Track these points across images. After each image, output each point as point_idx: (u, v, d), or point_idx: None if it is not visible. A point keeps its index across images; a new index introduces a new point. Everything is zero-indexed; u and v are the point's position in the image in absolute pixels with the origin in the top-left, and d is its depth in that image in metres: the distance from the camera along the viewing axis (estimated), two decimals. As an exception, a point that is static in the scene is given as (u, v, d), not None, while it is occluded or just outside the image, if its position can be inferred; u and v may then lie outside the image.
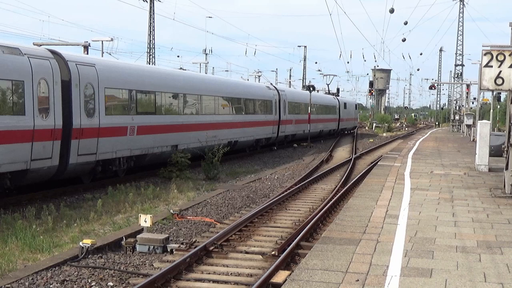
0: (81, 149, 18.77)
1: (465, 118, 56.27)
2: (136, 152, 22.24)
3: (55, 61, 17.96)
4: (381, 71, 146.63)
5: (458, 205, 14.24)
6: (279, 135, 41.78)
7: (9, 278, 10.05)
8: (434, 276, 8.29)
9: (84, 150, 18.91)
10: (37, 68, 16.99)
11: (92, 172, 20.43)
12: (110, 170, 21.24)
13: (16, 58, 16.44)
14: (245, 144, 35.49)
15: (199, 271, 10.99)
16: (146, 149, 22.90)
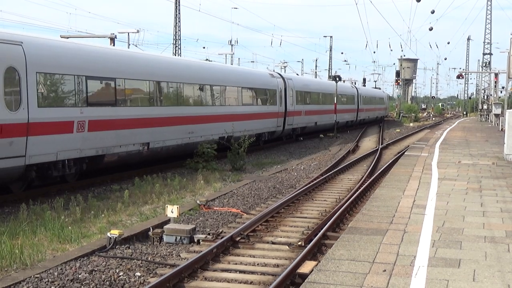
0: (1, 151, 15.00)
1: (493, 107, 55.74)
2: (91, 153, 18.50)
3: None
4: (408, 61, 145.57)
5: (487, 195, 14.10)
6: (286, 128, 37.63)
7: (38, 268, 10.16)
8: (462, 266, 8.22)
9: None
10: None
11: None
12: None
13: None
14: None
15: (226, 261, 11.02)
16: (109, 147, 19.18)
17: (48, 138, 16.41)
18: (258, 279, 9.96)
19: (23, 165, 15.61)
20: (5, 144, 14.88)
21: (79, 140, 17.70)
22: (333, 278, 7.67)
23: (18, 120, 15.34)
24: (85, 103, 18.11)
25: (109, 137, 19.12)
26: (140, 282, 9.82)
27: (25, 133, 15.53)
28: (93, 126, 18.25)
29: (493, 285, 7.46)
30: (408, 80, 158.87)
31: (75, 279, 9.72)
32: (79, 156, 17.81)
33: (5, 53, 15.08)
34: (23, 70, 15.58)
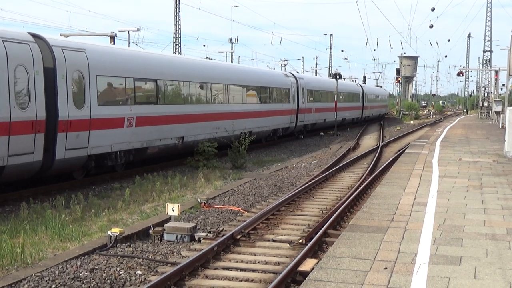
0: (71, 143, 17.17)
1: (494, 104, 55.73)
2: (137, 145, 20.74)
3: (37, 45, 16.21)
4: (408, 58, 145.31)
5: (487, 193, 14.09)
6: (298, 125, 40.15)
7: (39, 266, 10.17)
8: (464, 263, 8.22)
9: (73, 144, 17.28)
10: (12, 52, 15.20)
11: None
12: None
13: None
14: (260, 135, 33.53)
15: (227, 259, 11.02)
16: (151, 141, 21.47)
17: (104, 132, 18.83)
18: (259, 277, 9.96)
19: (86, 155, 18.05)
20: (73, 137, 17.28)
21: (128, 134, 20.09)
22: (334, 276, 7.67)
23: (83, 116, 17.77)
24: (133, 101, 20.55)
25: (152, 132, 21.50)
26: (141, 281, 9.82)
27: (88, 127, 17.98)
28: (139, 122, 20.63)
29: (494, 282, 7.45)
30: (409, 78, 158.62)
31: (76, 277, 9.73)
32: (128, 148, 20.24)
33: (73, 59, 17.44)
34: (87, 73, 18.07)
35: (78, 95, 17.68)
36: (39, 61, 16.12)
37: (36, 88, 15.99)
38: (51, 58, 16.73)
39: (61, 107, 16.85)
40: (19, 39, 15.79)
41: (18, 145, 15.22)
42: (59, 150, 16.78)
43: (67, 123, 17.07)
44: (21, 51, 15.59)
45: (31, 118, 15.70)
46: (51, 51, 16.75)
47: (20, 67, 15.51)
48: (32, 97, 15.83)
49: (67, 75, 17.23)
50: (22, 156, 15.41)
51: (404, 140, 39.87)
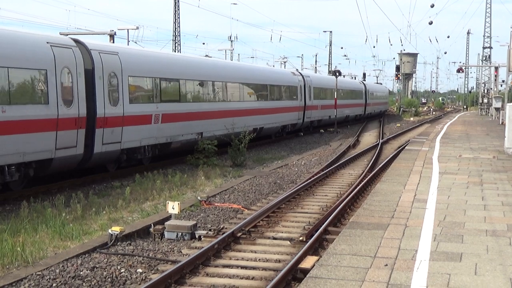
0: (106, 138, 18.83)
1: (494, 101, 55.70)
2: (162, 140, 22.29)
3: (78, 49, 17.89)
4: (408, 55, 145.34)
5: (488, 189, 14.09)
6: (305, 121, 41.85)
7: (40, 265, 10.17)
8: (464, 260, 8.22)
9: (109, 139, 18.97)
10: (58, 60, 16.83)
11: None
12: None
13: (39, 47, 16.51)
14: (271, 131, 35.64)
15: (227, 257, 11.02)
16: (175, 136, 23.11)
17: (135, 128, 20.41)
18: (260, 274, 9.96)
19: (119, 149, 19.67)
20: (109, 132, 18.93)
21: (155, 130, 21.63)
22: (334, 273, 7.67)
23: (116, 114, 19.39)
24: (159, 99, 22.21)
25: (175, 128, 23.16)
26: (141, 279, 9.82)
27: (121, 123, 19.60)
28: (164, 119, 22.27)
29: (495, 279, 7.46)
30: (408, 75, 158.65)
31: (77, 276, 9.73)
32: (154, 143, 21.74)
33: (108, 62, 19.15)
34: (120, 74, 19.73)
35: (113, 94, 19.39)
36: (80, 64, 17.79)
37: (78, 88, 17.63)
38: (90, 61, 18.36)
39: (99, 105, 18.47)
40: (64, 44, 17.44)
41: (64, 140, 16.89)
42: (97, 144, 18.42)
43: (104, 120, 18.70)
44: (66, 55, 17.23)
45: (74, 115, 17.34)
46: (90, 54, 18.40)
47: (65, 69, 17.21)
48: (75, 96, 17.45)
49: (104, 76, 18.88)
50: (67, 150, 17.07)
51: (404, 137, 39.86)
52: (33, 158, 16.04)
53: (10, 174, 15.41)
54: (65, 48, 17.31)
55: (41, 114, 16.21)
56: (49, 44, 16.76)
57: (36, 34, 17.18)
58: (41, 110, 16.25)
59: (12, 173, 15.48)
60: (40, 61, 16.34)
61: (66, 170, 18.25)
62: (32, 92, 16.25)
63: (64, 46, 17.31)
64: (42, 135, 16.17)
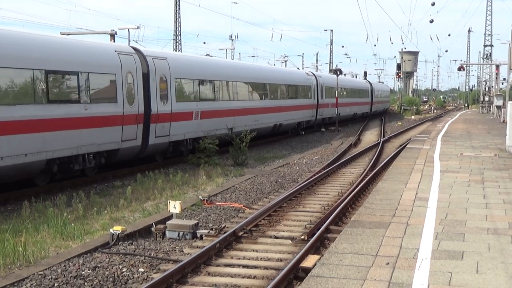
0: (159, 131, 21.79)
1: (495, 99, 55.66)
2: (199, 134, 24.94)
3: (137, 56, 20.89)
4: (409, 54, 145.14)
5: (489, 187, 14.09)
6: (317, 118, 44.71)
7: (41, 265, 10.18)
8: (466, 258, 8.22)
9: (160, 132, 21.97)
10: (124, 66, 19.88)
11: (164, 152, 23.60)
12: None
13: (117, 57, 19.68)
14: (288, 127, 38.47)
15: (229, 256, 11.03)
16: (209, 130, 25.64)
17: (180, 123, 23.34)
18: (261, 273, 9.96)
19: (167, 142, 22.58)
20: (160, 127, 21.86)
21: (195, 125, 24.72)
22: (336, 272, 7.67)
23: (166, 111, 22.33)
24: (198, 98, 25.42)
25: (211, 123, 26.11)
26: (143, 278, 9.82)
27: (169, 119, 22.48)
28: (203, 115, 25.39)
29: (497, 277, 7.46)
30: (409, 73, 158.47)
31: (79, 275, 9.74)
32: (194, 136, 24.61)
33: (160, 66, 22.20)
34: (168, 77, 22.71)
35: (163, 94, 22.24)
36: (139, 68, 20.78)
37: (138, 89, 20.56)
38: (146, 66, 21.32)
39: (153, 103, 21.40)
40: (127, 52, 20.59)
41: (128, 133, 19.88)
42: (151, 137, 21.33)
43: (157, 116, 21.62)
44: (129, 61, 20.28)
45: (135, 112, 20.34)
46: (146, 60, 21.41)
47: (129, 73, 20.17)
48: (135, 96, 20.42)
49: (156, 78, 21.80)
50: (129, 141, 20.05)
51: (405, 135, 39.85)
52: (105, 148, 18.97)
53: (88, 161, 18.33)
54: (128, 55, 20.40)
55: (112, 111, 19.19)
56: (117, 52, 19.82)
57: (106, 43, 20.91)
58: (112, 108, 19.20)
59: (90, 161, 18.44)
60: (111, 67, 19.32)
61: (127, 159, 20.84)
62: (105, 93, 19.22)
63: (127, 53, 20.42)
64: (112, 129, 19.17)
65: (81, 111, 17.73)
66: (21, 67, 15.71)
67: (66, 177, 18.31)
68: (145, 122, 20.89)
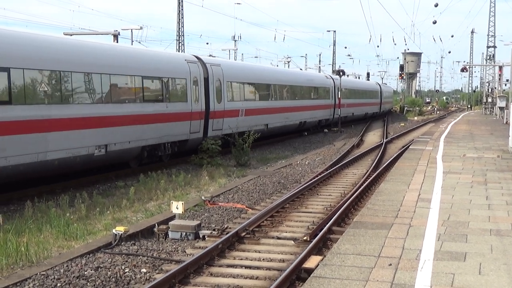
0: (214, 126, 26.00)
1: (498, 100, 55.56)
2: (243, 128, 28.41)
3: (200, 64, 25.34)
4: (412, 55, 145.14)
5: (492, 188, 14.07)
6: (335, 117, 49.03)
7: (44, 265, 10.19)
8: (468, 259, 8.21)
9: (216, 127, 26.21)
10: (192, 71, 24.31)
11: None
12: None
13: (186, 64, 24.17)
14: (311, 124, 43.07)
15: (231, 257, 11.02)
16: (252, 126, 29.49)
17: (230, 119, 27.84)
18: (264, 274, 9.96)
19: (221, 135, 26.64)
20: (216, 122, 26.37)
21: (241, 121, 29.05)
22: (338, 273, 7.67)
23: (220, 109, 26.85)
24: (243, 99, 30.00)
25: (252, 120, 30.50)
26: (146, 279, 9.83)
27: (222, 116, 27.02)
28: (246, 113, 29.74)
29: (499, 278, 7.45)
30: (412, 74, 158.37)
31: (81, 276, 9.74)
32: (240, 131, 27.75)
33: (216, 71, 26.69)
34: (222, 80, 27.22)
35: (218, 95, 26.71)
36: (201, 74, 25.23)
37: (200, 91, 24.97)
38: (206, 71, 25.74)
39: (211, 103, 25.85)
40: (192, 60, 25.13)
41: (194, 127, 24.18)
42: (210, 131, 25.63)
43: (214, 113, 26.05)
44: (194, 68, 24.68)
45: (199, 110, 24.71)
46: (206, 67, 25.87)
47: (195, 78, 24.55)
48: (199, 96, 24.87)
49: (214, 82, 26.26)
50: (195, 134, 24.34)
51: (408, 137, 39.82)
52: (179, 139, 23.27)
53: (167, 149, 22.55)
54: (193, 63, 24.88)
55: (184, 109, 23.53)
56: (186, 61, 24.43)
57: (178, 54, 26.89)
58: (183, 106, 23.54)
59: (168, 149, 22.67)
60: (183, 73, 23.74)
61: (191, 148, 24.39)
62: (179, 94, 23.56)
63: (193, 61, 24.93)
64: (184, 123, 23.51)
65: (164, 109, 22.19)
66: (130, 74, 20.54)
67: (151, 162, 22.19)
68: (205, 118, 25.31)
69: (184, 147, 23.85)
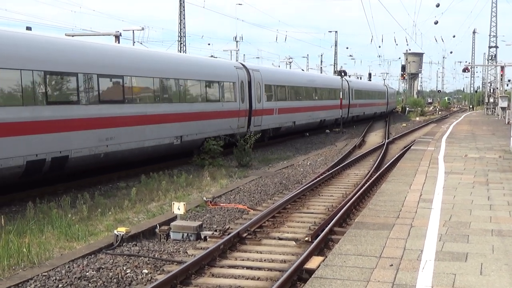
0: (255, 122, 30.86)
1: (500, 100, 55.54)
2: (276, 125, 34.47)
3: (245, 69, 30.36)
4: (413, 55, 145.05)
5: (493, 189, 14.07)
6: (349, 115, 54.17)
7: (46, 266, 10.19)
8: (470, 260, 8.21)
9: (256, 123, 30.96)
10: (239, 76, 29.23)
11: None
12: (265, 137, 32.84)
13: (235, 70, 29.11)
14: (329, 122, 47.50)
15: (233, 257, 11.03)
16: (282, 123, 35.40)
17: (267, 117, 32.75)
18: (265, 275, 9.96)
19: (260, 130, 30.50)
20: (256, 119, 31.08)
21: (275, 118, 34.15)
22: (340, 273, 7.67)
23: (260, 107, 31.60)
24: (277, 99, 34.89)
25: (283, 118, 35.56)
26: (147, 279, 9.83)
27: (261, 114, 31.70)
28: (279, 111, 34.76)
29: (501, 279, 7.45)
30: (414, 74, 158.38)
31: (83, 276, 9.75)
32: (273, 127, 34.05)
33: (256, 76, 31.55)
34: (261, 83, 32.07)
35: (258, 96, 31.44)
36: (246, 78, 30.07)
37: (245, 92, 29.69)
38: (249, 76, 30.52)
39: (253, 102, 30.65)
40: (239, 66, 30.14)
41: (241, 122, 29.12)
42: (251, 126, 30.36)
43: (255, 111, 30.82)
44: (241, 73, 29.57)
45: (244, 108, 29.57)
46: (249, 72, 30.73)
47: (241, 81, 29.33)
48: (245, 97, 29.62)
49: (254, 84, 30.98)
50: (241, 128, 29.07)
51: (410, 137, 39.81)
52: (229, 132, 27.49)
53: (221, 140, 25.93)
54: (240, 69, 29.77)
55: (234, 107, 28.34)
56: (234, 67, 29.46)
57: (229, 61, 33.20)
58: (234, 105, 28.37)
59: (223, 140, 26.26)
60: (233, 77, 28.64)
61: (239, 140, 26.48)
62: (230, 95, 28.36)
63: (239, 68, 29.83)
64: (234, 119, 28.27)
65: (220, 107, 26.97)
66: (198, 79, 25.30)
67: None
68: (248, 115, 30.10)
69: (232, 139, 27.18)
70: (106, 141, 18.48)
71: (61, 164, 16.90)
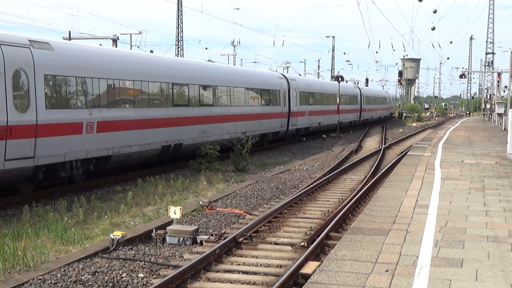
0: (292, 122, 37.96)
1: (496, 106, 55.64)
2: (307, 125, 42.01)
3: (286, 79, 37.60)
4: (411, 61, 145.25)
5: (489, 195, 14.08)
6: (361, 119, 62.02)
7: (41, 269, 10.18)
8: (465, 266, 8.21)
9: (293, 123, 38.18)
10: (282, 85, 36.46)
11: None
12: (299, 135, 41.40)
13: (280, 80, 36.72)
14: (345, 124, 54.07)
15: (229, 262, 11.03)
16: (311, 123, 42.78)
17: (301, 118, 39.73)
18: (261, 279, 9.97)
19: (295, 129, 39.06)
20: (293, 120, 37.88)
21: (306, 120, 41.32)
22: (335, 279, 7.67)
23: (296, 110, 38.39)
24: (308, 103, 42.06)
25: (311, 119, 42.62)
26: (143, 284, 9.83)
27: (297, 115, 38.63)
28: (309, 114, 41.83)
29: (496, 285, 7.45)
30: (411, 80, 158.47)
31: (78, 280, 9.74)
32: (305, 126, 41.50)
33: (293, 84, 38.58)
34: (297, 90, 39.32)
35: (295, 101, 38.28)
36: (286, 86, 37.05)
37: (286, 97, 36.67)
38: (288, 84, 37.49)
39: (292, 106, 37.56)
40: (281, 77, 37.45)
41: (283, 122, 35.99)
42: (290, 126, 37.49)
43: (292, 113, 37.67)
44: (283, 82, 36.77)
45: (285, 111, 36.46)
46: (288, 81, 37.77)
47: (283, 89, 36.41)
48: (285, 102, 36.59)
49: (292, 92, 37.99)
50: (283, 127, 36.22)
51: (407, 142, 39.86)
52: (274, 130, 34.95)
53: (270, 137, 34.39)
54: (282, 79, 37.04)
55: (278, 110, 35.26)
56: (278, 77, 36.81)
57: (274, 72, 41.37)
58: (278, 108, 35.20)
59: (269, 136, 34.55)
60: (278, 86, 35.86)
61: (277, 138, 36.06)
62: (276, 100, 35.18)
63: (281, 78, 37.17)
64: (277, 120, 35.17)
65: (269, 110, 33.90)
66: (256, 87, 32.79)
67: (261, 144, 32.54)
68: (288, 117, 36.80)
69: (276, 136, 35.26)
70: (203, 133, 25.02)
71: (178, 149, 23.21)
